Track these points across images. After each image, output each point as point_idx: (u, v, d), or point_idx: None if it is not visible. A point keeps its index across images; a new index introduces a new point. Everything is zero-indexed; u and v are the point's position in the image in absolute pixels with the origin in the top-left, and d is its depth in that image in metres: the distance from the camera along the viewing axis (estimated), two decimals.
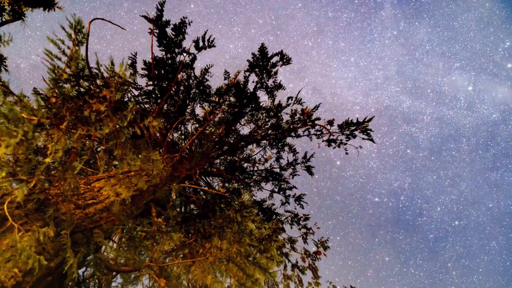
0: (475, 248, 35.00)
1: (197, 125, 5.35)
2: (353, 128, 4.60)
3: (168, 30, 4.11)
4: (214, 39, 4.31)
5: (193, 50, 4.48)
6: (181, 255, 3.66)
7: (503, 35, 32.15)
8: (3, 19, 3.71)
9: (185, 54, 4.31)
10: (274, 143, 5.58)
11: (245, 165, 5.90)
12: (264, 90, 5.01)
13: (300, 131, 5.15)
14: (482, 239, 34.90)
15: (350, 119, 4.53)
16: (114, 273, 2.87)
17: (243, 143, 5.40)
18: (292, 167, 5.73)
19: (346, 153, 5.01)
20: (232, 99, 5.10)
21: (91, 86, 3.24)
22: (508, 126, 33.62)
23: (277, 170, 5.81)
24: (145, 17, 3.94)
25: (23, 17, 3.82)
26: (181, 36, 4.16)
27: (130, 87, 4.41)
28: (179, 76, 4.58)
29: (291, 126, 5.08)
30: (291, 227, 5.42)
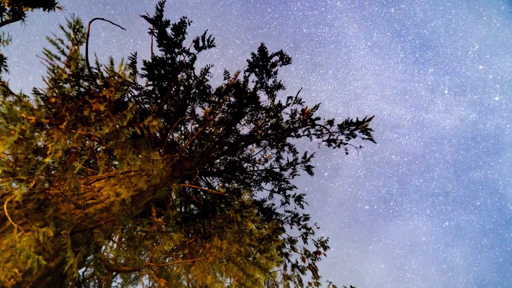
0: (468, 247, 35.54)
1: (197, 125, 5.35)
2: (353, 127, 4.60)
3: (168, 30, 4.11)
4: (214, 39, 4.31)
5: (193, 50, 4.48)
6: (181, 255, 3.66)
7: (471, 39, 33.83)
8: (3, 19, 3.70)
9: (185, 54, 4.31)
10: (274, 143, 5.58)
11: (245, 165, 5.90)
12: (264, 90, 5.01)
13: (300, 131, 5.15)
14: (473, 238, 35.46)
15: (350, 119, 4.53)
16: (114, 273, 2.86)
17: (243, 143, 5.40)
18: (292, 167, 5.73)
19: (346, 153, 5.01)
20: (232, 99, 5.10)
21: (91, 86, 3.24)
22: (486, 125, 34.78)
23: (277, 170, 5.81)
24: (145, 17, 3.93)
25: (23, 17, 3.82)
26: (181, 36, 4.16)
27: (130, 87, 4.41)
28: (179, 76, 4.58)
29: (291, 126, 5.08)
30: (291, 227, 5.42)
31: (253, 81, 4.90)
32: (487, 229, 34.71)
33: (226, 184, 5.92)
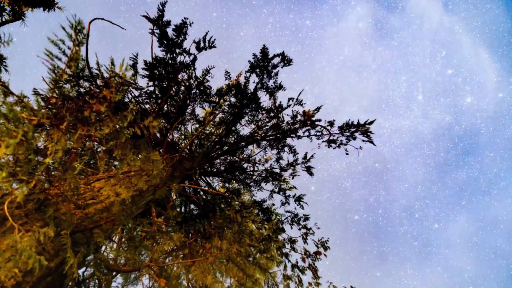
0: (460, 247, 35.97)
1: (197, 125, 5.35)
2: (353, 129, 4.60)
3: (169, 31, 4.11)
4: (215, 39, 4.31)
5: (193, 50, 4.49)
6: (181, 255, 3.66)
7: (438, 46, 35.55)
8: (3, 19, 3.71)
9: (185, 55, 4.32)
10: (274, 144, 5.58)
11: (245, 165, 5.90)
12: (264, 90, 5.01)
13: (300, 132, 5.15)
14: (463, 237, 35.95)
15: (351, 121, 4.53)
16: (114, 273, 2.87)
17: (243, 143, 5.40)
18: (292, 167, 5.73)
19: (346, 154, 5.01)
20: (232, 99, 5.10)
21: (91, 87, 3.24)
22: (462, 126, 36.23)
23: (277, 170, 5.81)
24: (146, 17, 3.94)
25: (23, 17, 3.82)
26: (182, 36, 4.16)
27: (131, 88, 4.42)
28: (179, 76, 4.58)
29: (292, 127, 5.08)
30: (291, 227, 5.42)
31: (254, 82, 4.90)
32: (475, 227, 35.27)
33: (226, 184, 5.92)
